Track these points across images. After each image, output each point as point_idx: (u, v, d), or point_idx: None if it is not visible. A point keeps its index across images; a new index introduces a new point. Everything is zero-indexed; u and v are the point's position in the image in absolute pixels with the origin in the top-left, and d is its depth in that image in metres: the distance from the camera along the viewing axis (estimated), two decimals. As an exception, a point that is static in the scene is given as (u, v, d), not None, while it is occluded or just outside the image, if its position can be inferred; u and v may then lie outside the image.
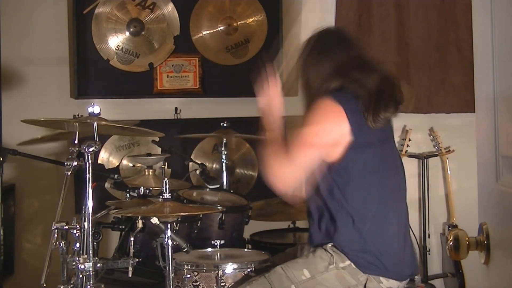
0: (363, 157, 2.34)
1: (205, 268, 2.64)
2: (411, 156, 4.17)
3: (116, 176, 3.10)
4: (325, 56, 2.46)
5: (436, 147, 4.19)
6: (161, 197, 2.67)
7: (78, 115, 3.73)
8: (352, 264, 2.34)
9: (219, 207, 3.04)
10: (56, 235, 2.44)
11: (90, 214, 2.37)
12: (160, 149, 3.81)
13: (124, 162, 4.13)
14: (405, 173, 2.52)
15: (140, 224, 2.76)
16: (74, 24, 4.05)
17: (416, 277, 3.82)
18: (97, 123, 2.51)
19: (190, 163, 3.92)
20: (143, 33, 4.15)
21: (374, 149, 2.36)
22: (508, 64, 3.35)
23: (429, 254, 4.15)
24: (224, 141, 3.62)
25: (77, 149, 2.50)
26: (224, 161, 3.61)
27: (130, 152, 4.11)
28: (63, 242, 2.46)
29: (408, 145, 4.13)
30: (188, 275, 2.63)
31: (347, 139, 2.32)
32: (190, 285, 2.63)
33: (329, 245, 2.37)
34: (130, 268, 2.58)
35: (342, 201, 2.34)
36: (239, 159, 4.20)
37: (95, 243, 2.61)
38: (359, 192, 2.35)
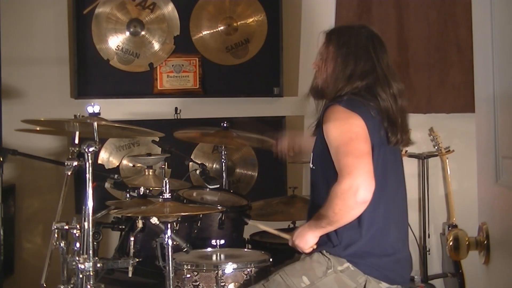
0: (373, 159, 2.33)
1: (205, 268, 2.64)
2: (411, 156, 4.17)
3: (116, 176, 3.09)
4: (360, 56, 2.40)
5: (436, 147, 4.18)
6: (161, 197, 2.67)
7: (78, 115, 3.72)
8: (350, 266, 2.33)
9: (219, 207, 3.04)
10: (56, 235, 2.44)
11: (90, 214, 2.37)
12: (160, 149, 3.81)
13: (124, 162, 4.13)
14: (404, 177, 2.52)
15: (140, 224, 2.76)
16: (74, 24, 4.05)
17: (416, 277, 3.83)
18: (97, 123, 2.51)
19: (190, 163, 3.91)
20: (143, 33, 4.15)
21: (377, 151, 2.34)
22: (508, 64, 3.34)
23: (429, 254, 4.15)
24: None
25: (77, 149, 2.50)
26: (224, 161, 3.61)
27: (130, 152, 4.11)
28: (63, 242, 2.46)
29: (408, 145, 4.13)
30: (188, 275, 2.63)
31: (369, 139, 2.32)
32: (190, 285, 2.63)
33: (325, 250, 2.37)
34: (130, 268, 2.58)
35: None
36: (239, 159, 4.21)
37: (95, 243, 2.61)
38: None
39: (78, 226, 2.44)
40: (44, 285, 2.39)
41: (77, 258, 2.38)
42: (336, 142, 2.31)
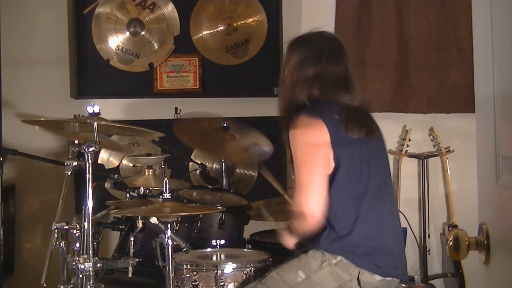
0: (347, 158, 2.37)
1: (204, 268, 2.64)
2: (411, 156, 4.17)
3: (116, 176, 3.10)
4: (316, 62, 2.47)
5: (436, 147, 4.18)
6: (161, 197, 2.67)
7: (78, 115, 3.72)
8: (343, 258, 2.36)
9: (219, 207, 3.04)
10: (56, 235, 2.44)
11: (90, 214, 2.37)
12: (160, 149, 3.81)
13: (124, 162, 4.13)
14: (390, 167, 2.56)
15: (140, 224, 2.76)
16: (74, 24, 4.05)
17: (416, 277, 3.83)
18: (97, 123, 2.51)
19: (190, 163, 3.91)
20: (143, 33, 4.15)
21: (357, 148, 2.39)
22: (508, 64, 3.35)
23: (429, 254, 4.15)
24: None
25: (77, 149, 2.50)
26: (224, 161, 3.60)
27: (130, 152, 4.11)
28: (63, 242, 2.47)
29: (408, 145, 4.13)
30: (187, 275, 2.63)
31: (330, 147, 2.36)
32: (189, 285, 2.63)
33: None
34: (130, 268, 2.58)
35: (331, 202, 2.36)
36: (239, 159, 4.20)
37: (95, 243, 2.61)
38: (346, 192, 2.37)
39: (78, 226, 2.44)
40: (44, 285, 2.39)
41: (77, 258, 2.38)
42: (295, 153, 2.40)
